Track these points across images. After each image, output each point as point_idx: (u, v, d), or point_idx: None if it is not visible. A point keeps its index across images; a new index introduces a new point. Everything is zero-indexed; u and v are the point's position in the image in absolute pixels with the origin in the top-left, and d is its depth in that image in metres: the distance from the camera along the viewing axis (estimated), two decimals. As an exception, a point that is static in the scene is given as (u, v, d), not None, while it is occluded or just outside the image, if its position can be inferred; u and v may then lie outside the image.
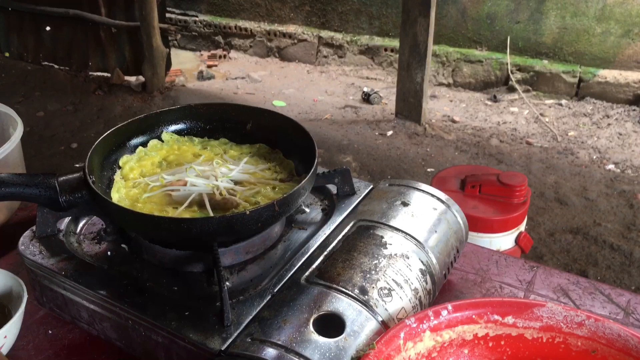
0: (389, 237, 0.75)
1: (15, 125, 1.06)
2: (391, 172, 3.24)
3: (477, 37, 4.38)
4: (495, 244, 1.89)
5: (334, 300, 0.65)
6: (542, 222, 2.74)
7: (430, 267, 0.74)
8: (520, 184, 1.90)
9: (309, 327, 0.61)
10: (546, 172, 3.21)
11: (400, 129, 3.71)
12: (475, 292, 0.84)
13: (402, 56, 3.65)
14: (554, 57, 4.18)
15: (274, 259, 0.77)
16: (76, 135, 3.68)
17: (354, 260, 0.71)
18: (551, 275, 0.86)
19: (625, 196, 2.96)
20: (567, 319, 0.64)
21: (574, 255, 2.53)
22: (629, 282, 2.36)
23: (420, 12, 3.44)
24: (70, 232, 0.83)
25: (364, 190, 0.90)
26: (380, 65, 4.77)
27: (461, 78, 4.44)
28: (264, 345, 0.59)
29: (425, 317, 0.64)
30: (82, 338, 0.77)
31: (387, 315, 0.66)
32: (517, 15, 4.19)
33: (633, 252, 2.51)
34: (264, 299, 0.68)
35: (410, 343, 0.62)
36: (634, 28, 3.88)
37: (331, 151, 3.45)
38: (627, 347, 0.60)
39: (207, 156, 0.89)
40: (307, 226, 0.84)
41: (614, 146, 3.53)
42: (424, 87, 3.63)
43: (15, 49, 4.68)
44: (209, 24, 5.30)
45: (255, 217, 0.68)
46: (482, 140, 3.60)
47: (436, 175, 2.12)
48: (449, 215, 0.83)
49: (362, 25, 4.77)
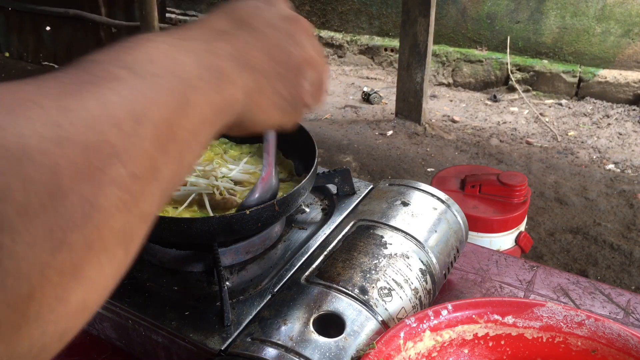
0: (389, 237, 0.75)
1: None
2: (391, 172, 3.24)
3: (477, 37, 4.38)
4: (495, 244, 1.89)
5: (334, 300, 0.65)
6: (542, 222, 2.74)
7: (430, 267, 0.74)
8: (520, 184, 1.90)
9: (309, 327, 0.61)
10: (546, 172, 3.21)
11: (400, 128, 3.71)
12: (475, 292, 0.84)
13: (402, 56, 3.65)
14: (554, 57, 4.18)
15: (274, 259, 0.77)
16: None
17: (354, 260, 0.71)
18: (551, 275, 0.86)
19: (625, 196, 2.96)
20: (567, 319, 0.64)
21: (574, 255, 2.53)
22: (629, 282, 2.36)
23: (420, 12, 3.44)
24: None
25: (364, 190, 0.90)
26: (380, 65, 4.77)
27: (461, 78, 4.45)
28: (264, 345, 0.59)
29: (425, 317, 0.64)
30: (82, 338, 0.77)
31: (387, 315, 0.66)
32: (517, 15, 4.19)
33: (633, 252, 2.51)
34: (264, 299, 0.68)
35: (410, 343, 0.62)
36: (634, 28, 3.88)
37: (331, 151, 3.45)
38: (627, 347, 0.60)
39: (207, 156, 0.89)
40: (307, 226, 0.84)
41: (614, 146, 3.53)
42: (424, 87, 3.63)
43: (15, 49, 4.69)
44: (209, 24, 5.30)
45: (255, 217, 0.68)
46: (482, 140, 3.60)
47: (436, 175, 2.12)
48: (449, 215, 0.83)
49: (362, 25, 4.77)
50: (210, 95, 0.38)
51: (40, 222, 0.25)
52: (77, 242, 0.26)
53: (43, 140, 0.26)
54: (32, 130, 0.25)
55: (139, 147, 0.30)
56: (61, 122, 0.27)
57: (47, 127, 0.26)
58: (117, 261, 0.29)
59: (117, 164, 0.28)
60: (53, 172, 0.25)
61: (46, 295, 0.25)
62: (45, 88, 0.28)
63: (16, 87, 0.28)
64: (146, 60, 0.34)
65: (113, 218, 0.28)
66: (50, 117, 0.27)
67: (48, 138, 0.26)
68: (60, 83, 0.29)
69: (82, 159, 0.27)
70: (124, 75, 0.32)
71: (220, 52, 0.40)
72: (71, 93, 0.29)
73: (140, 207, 0.30)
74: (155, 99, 0.33)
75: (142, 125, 0.31)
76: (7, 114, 0.25)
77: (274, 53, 0.46)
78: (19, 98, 0.27)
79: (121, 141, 0.29)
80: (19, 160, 0.24)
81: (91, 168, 0.27)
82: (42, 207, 0.25)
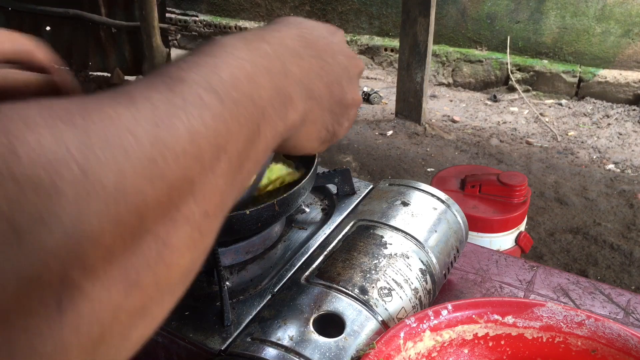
0: (389, 237, 0.75)
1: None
2: (391, 172, 3.24)
3: (477, 37, 4.38)
4: (495, 244, 1.89)
5: (334, 300, 0.65)
6: (542, 222, 2.74)
7: (430, 267, 0.74)
8: (520, 184, 1.90)
9: (309, 327, 0.61)
10: (546, 172, 3.21)
11: (400, 128, 3.71)
12: (475, 292, 0.84)
13: (402, 56, 3.65)
14: (554, 57, 4.18)
15: (274, 259, 0.77)
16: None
17: (354, 260, 0.71)
18: (551, 275, 0.86)
19: (625, 196, 2.96)
20: (567, 319, 0.64)
21: (574, 255, 2.53)
22: (629, 282, 2.36)
23: (420, 12, 3.44)
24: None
25: (364, 190, 0.90)
26: (380, 65, 4.77)
27: (461, 78, 4.45)
28: (264, 345, 0.59)
29: (425, 317, 0.64)
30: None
31: (387, 315, 0.66)
32: (517, 15, 4.19)
33: (633, 252, 2.51)
34: (264, 299, 0.68)
35: (410, 343, 0.62)
36: (634, 28, 3.88)
37: (331, 151, 3.45)
38: (627, 347, 0.60)
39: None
40: (307, 226, 0.84)
41: (614, 146, 3.53)
42: (424, 87, 3.63)
43: (15, 49, 4.68)
44: (209, 24, 5.30)
45: (255, 217, 0.68)
46: (482, 140, 3.60)
47: (436, 175, 2.12)
48: (449, 215, 0.83)
49: (362, 25, 4.77)
50: (277, 124, 0.38)
51: (119, 264, 0.24)
52: (148, 283, 0.25)
53: (138, 178, 0.24)
54: (130, 166, 0.24)
55: (214, 184, 0.30)
56: (156, 157, 0.26)
57: (143, 163, 0.25)
58: (177, 297, 0.29)
59: (191, 202, 0.28)
60: (141, 212, 0.25)
61: (114, 335, 0.25)
62: (139, 112, 0.27)
63: (111, 111, 0.26)
64: (230, 84, 0.33)
65: (183, 257, 0.28)
66: (146, 151, 0.25)
67: (143, 175, 0.25)
68: (153, 107, 0.28)
69: (166, 198, 0.26)
70: (210, 100, 0.31)
71: (290, 76, 0.40)
72: (164, 121, 0.27)
73: (206, 243, 0.30)
74: (235, 131, 0.32)
75: (220, 161, 0.30)
76: (105, 145, 0.24)
77: (333, 88, 0.46)
78: (115, 126, 0.25)
79: (200, 178, 0.28)
80: (115, 201, 0.23)
81: (170, 207, 0.26)
82: (124, 249, 0.24)
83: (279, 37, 0.42)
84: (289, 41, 0.43)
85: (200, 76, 0.31)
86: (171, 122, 0.27)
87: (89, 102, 0.26)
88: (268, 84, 0.37)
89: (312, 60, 0.44)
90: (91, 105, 0.25)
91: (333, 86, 0.46)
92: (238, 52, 0.36)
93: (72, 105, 0.25)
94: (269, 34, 0.42)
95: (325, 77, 0.45)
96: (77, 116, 0.24)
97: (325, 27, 0.49)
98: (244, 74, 0.35)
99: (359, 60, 0.51)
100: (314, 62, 0.44)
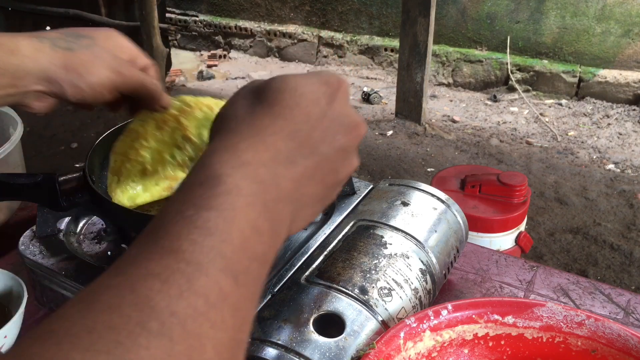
0: (389, 237, 0.75)
1: (15, 125, 1.06)
2: (391, 171, 3.24)
3: (477, 37, 4.38)
4: (495, 244, 1.89)
5: (334, 300, 0.65)
6: (542, 222, 2.74)
7: (430, 267, 0.74)
8: (520, 184, 1.91)
9: (309, 327, 0.61)
10: (546, 172, 3.21)
11: (400, 128, 3.71)
12: (475, 292, 0.84)
13: (402, 56, 3.65)
14: (554, 57, 4.18)
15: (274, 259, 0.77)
16: (76, 135, 3.68)
17: (354, 260, 0.71)
18: (551, 275, 0.86)
19: (625, 196, 2.96)
20: (567, 319, 0.64)
21: (574, 255, 2.53)
22: (629, 282, 2.36)
23: (420, 12, 3.44)
24: (71, 232, 0.83)
25: (364, 190, 0.90)
26: (380, 65, 4.77)
27: (461, 78, 4.45)
28: (264, 345, 0.59)
29: (425, 317, 0.64)
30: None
31: (387, 315, 0.66)
32: (517, 15, 4.19)
33: (633, 252, 2.51)
34: (264, 299, 0.68)
35: (410, 343, 0.62)
36: (634, 28, 3.88)
37: (331, 151, 3.44)
38: (627, 347, 0.60)
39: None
40: (307, 226, 0.84)
41: (614, 146, 3.53)
42: (424, 87, 3.63)
43: (15, 49, 4.68)
44: (209, 24, 5.30)
45: (255, 217, 0.68)
46: (482, 140, 3.61)
47: (436, 175, 2.12)
48: (449, 215, 0.83)
49: (362, 25, 4.77)
50: (269, 255, 0.38)
51: None
52: None
53: None
54: None
55: None
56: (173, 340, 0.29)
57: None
58: None
59: None
60: None
61: None
62: (173, 340, 0.29)
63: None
64: (241, 253, 0.35)
65: None
66: None
67: None
68: (184, 333, 0.30)
69: None
70: (228, 289, 0.32)
71: (283, 196, 0.40)
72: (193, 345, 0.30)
73: None
74: (246, 307, 0.34)
75: (229, 325, 0.32)
76: None
77: (327, 180, 0.45)
78: None
79: (214, 349, 0.30)
80: None
81: None
82: None
83: (273, 143, 0.41)
84: (281, 144, 0.41)
85: (214, 254, 0.33)
86: (201, 343, 0.30)
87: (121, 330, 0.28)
88: (260, 215, 0.37)
89: (306, 162, 0.43)
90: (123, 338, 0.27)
91: (327, 178, 0.45)
92: (243, 193, 0.36)
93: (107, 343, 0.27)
94: (268, 137, 0.41)
95: (319, 174, 0.44)
96: None
97: (325, 90, 0.45)
98: (242, 205, 0.36)
99: (361, 127, 0.47)
100: (308, 163, 0.43)
